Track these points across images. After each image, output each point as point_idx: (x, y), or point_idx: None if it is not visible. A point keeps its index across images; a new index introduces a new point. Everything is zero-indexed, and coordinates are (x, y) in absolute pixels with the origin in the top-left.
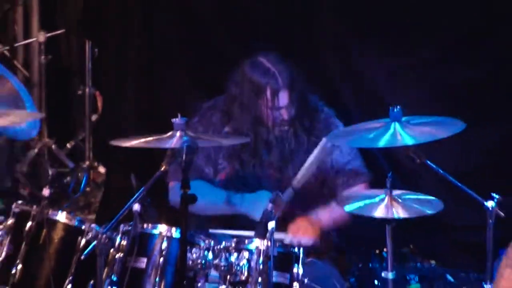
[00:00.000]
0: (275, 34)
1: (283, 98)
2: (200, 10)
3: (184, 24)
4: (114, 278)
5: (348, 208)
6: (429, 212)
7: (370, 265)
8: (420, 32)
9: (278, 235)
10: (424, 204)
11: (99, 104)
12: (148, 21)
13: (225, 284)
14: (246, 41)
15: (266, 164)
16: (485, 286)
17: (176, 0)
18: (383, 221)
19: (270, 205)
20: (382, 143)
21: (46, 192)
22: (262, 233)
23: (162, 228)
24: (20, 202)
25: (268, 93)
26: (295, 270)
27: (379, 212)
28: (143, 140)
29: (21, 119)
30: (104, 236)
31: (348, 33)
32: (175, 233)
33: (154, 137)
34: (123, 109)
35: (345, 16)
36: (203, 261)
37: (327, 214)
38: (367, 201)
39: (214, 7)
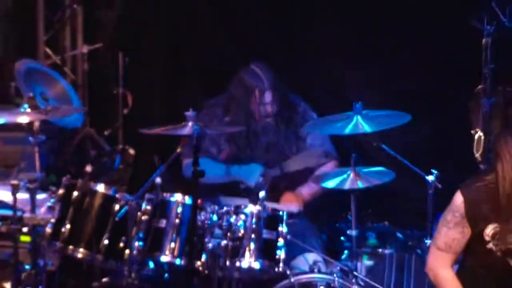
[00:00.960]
0: (268, 49)
1: (268, 96)
2: (211, 32)
3: (197, 40)
4: (141, 235)
5: (326, 185)
6: (385, 180)
7: (338, 225)
8: (378, 51)
9: (272, 205)
10: (380, 174)
11: (129, 101)
12: (168, 38)
13: (226, 239)
14: (243, 55)
15: (255, 147)
16: (426, 241)
17: (193, 22)
18: (349, 191)
19: (261, 178)
20: (347, 130)
21: (88, 169)
22: (255, 200)
23: (178, 196)
24: (68, 176)
25: (257, 92)
26: (280, 228)
27: (348, 185)
28: (163, 128)
29: (69, 113)
30: (133, 202)
31: (325, 48)
32: (188, 200)
33: (172, 126)
34: (148, 105)
35: (324, 36)
36: (209, 222)
37: (307, 190)
38: (339, 178)
39: (222, 30)
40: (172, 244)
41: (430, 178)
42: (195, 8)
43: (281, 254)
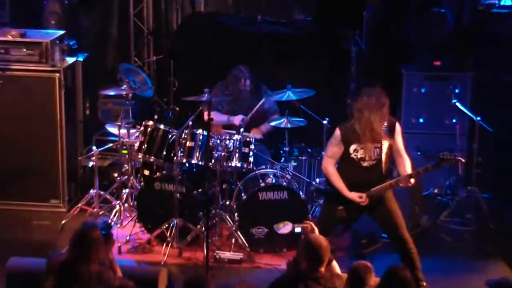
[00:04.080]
0: (248, 59)
1: (247, 82)
2: (217, 51)
3: (211, 54)
4: (181, 149)
5: (272, 124)
6: (302, 124)
7: (279, 145)
8: (299, 63)
9: (247, 134)
10: (299, 122)
11: (176, 83)
12: (196, 53)
13: (223, 152)
14: (236, 63)
15: (240, 107)
16: (322, 153)
17: (208, 45)
18: (284, 129)
19: (241, 122)
20: (284, 98)
21: (155, 117)
22: (238, 132)
23: (200, 131)
24: (146, 121)
25: (242, 79)
26: (251, 147)
27: (283, 125)
28: (193, 97)
29: (146, 89)
30: (177, 134)
31: (275, 63)
32: (205, 132)
33: (197, 96)
34: (185, 85)
35: (272, 55)
36: (216, 143)
37: (264, 127)
38: (279, 121)
39: (225, 49)
40: (197, 154)
41: (325, 122)
42: (209, 41)
43: (251, 159)
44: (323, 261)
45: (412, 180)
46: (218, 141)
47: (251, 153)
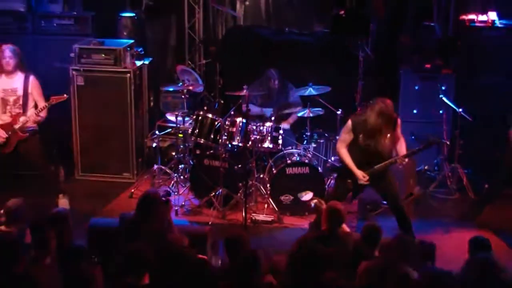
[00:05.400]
0: (277, 63)
1: (276, 81)
2: (254, 56)
3: (247, 60)
4: (225, 133)
5: (298, 114)
6: (320, 113)
7: (302, 131)
8: (318, 66)
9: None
10: (318, 111)
11: (221, 81)
12: (239, 59)
13: (258, 136)
14: (268, 66)
15: (271, 100)
16: (336, 137)
17: (246, 54)
18: (306, 117)
19: (272, 113)
20: (306, 93)
21: (205, 107)
22: (270, 120)
23: (239, 119)
24: (197, 110)
25: (272, 79)
26: (280, 131)
27: (305, 115)
28: (235, 92)
29: (197, 86)
30: (222, 121)
31: (298, 65)
32: (244, 120)
33: (238, 91)
34: (228, 82)
35: (297, 59)
36: (252, 129)
37: (291, 118)
38: (302, 112)
39: (259, 56)
40: (238, 137)
41: (338, 112)
42: (247, 47)
43: (280, 141)
44: (342, 223)
45: (406, 160)
46: (254, 127)
47: (280, 137)
